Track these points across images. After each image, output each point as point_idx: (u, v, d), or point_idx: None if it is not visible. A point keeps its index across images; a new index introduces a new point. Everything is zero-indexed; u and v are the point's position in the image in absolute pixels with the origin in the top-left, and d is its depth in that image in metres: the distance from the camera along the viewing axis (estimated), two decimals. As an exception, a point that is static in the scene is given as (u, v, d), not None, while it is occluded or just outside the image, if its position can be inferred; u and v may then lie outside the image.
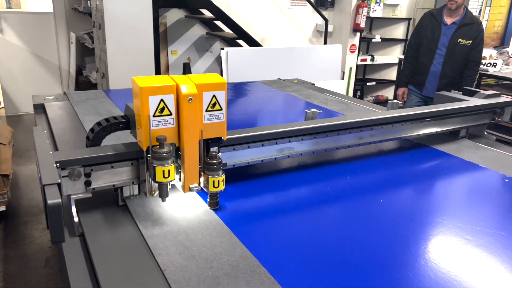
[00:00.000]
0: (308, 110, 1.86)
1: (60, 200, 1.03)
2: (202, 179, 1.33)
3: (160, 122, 1.23)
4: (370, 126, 1.79)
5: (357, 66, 6.18)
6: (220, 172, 1.31)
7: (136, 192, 1.37)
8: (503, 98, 2.22)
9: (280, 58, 4.57)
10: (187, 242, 1.16)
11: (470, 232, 1.29)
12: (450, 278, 1.07)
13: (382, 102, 6.62)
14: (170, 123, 1.25)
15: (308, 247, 1.21)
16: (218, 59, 5.25)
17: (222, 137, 1.34)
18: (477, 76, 3.61)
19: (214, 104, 1.29)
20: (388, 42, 6.60)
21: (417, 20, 4.62)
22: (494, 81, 4.63)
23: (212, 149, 1.33)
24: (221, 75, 4.26)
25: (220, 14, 4.67)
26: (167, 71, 5.17)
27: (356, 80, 6.30)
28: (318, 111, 1.86)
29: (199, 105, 1.26)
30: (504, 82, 4.56)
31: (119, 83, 4.10)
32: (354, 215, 1.42)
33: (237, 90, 3.26)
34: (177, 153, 1.31)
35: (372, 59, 6.38)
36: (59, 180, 1.08)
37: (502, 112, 2.23)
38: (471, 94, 2.27)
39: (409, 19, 6.53)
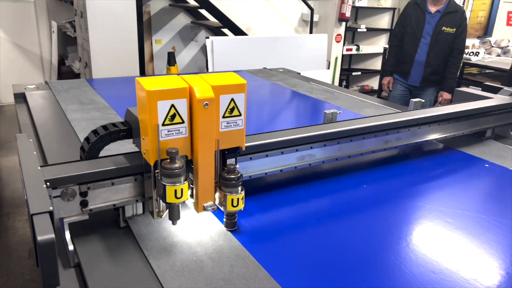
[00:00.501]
0: (327, 111, 1.62)
1: (53, 234, 0.81)
2: (217, 195, 1.13)
3: (171, 131, 1.03)
4: (397, 129, 1.61)
5: (343, 56, 6.20)
6: (239, 189, 1.11)
7: (140, 211, 1.17)
8: None
9: (265, 47, 4.55)
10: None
11: (451, 215, 1.32)
12: (431, 259, 1.09)
13: (367, 92, 6.66)
14: (182, 132, 1.04)
15: (292, 234, 1.22)
16: (203, 48, 5.20)
17: (241, 147, 1.14)
18: (461, 64, 3.65)
19: (232, 109, 1.09)
20: (373, 31, 6.63)
21: (402, 9, 4.65)
22: (477, 70, 4.70)
23: (229, 161, 1.13)
24: (206, 64, 4.23)
25: (205, 3, 4.62)
26: (151, 61, 5.11)
27: (342, 70, 6.33)
28: (338, 112, 1.64)
29: (215, 110, 1.06)
30: (487, 71, 4.63)
31: (103, 73, 4.05)
32: (340, 207, 1.43)
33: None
34: (188, 165, 1.10)
35: (358, 49, 6.41)
36: (51, 208, 0.88)
37: None
38: (493, 90, 2.11)
39: (394, 9, 6.56)
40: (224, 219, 1.18)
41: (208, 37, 4.11)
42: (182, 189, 1.03)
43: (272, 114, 2.48)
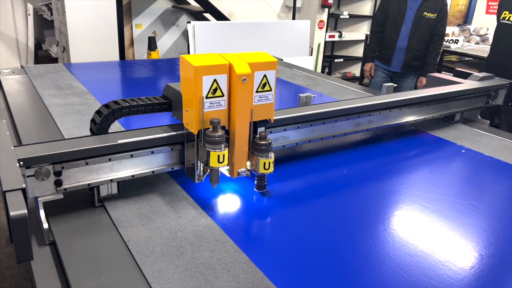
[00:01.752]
0: (301, 95, 1.72)
1: (26, 210, 0.85)
2: (248, 163, 1.27)
3: (212, 104, 1.16)
4: (369, 112, 1.68)
5: (325, 42, 6.19)
6: (270, 154, 1.25)
7: (115, 191, 1.21)
8: (498, 81, 2.15)
9: (248, 33, 4.51)
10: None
11: (428, 200, 1.35)
12: (407, 242, 1.11)
13: (349, 79, 6.69)
14: (221, 105, 1.18)
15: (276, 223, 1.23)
16: (185, 33, 5.12)
17: (270, 119, 1.28)
18: (441, 50, 3.69)
19: (264, 85, 1.23)
20: (356, 18, 6.63)
21: (384, -4, 4.65)
22: (456, 57, 4.76)
23: (259, 129, 1.27)
24: (188, 49, 4.17)
25: (186, -13, 4.53)
26: (131, 45, 5.01)
27: (324, 56, 6.32)
28: (312, 95, 1.73)
29: (251, 85, 1.19)
30: (466, 58, 4.70)
31: (81, 57, 3.95)
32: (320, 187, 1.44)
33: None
34: (227, 138, 1.24)
35: (340, 36, 6.41)
36: (24, 185, 0.91)
37: (496, 95, 2.15)
38: (464, 76, 2.17)
39: (376, -4, 6.56)
40: (256, 182, 1.31)
41: (189, 22, 4.05)
42: (224, 155, 1.16)
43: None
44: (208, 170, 1.22)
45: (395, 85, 2.02)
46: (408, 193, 1.39)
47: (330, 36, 6.28)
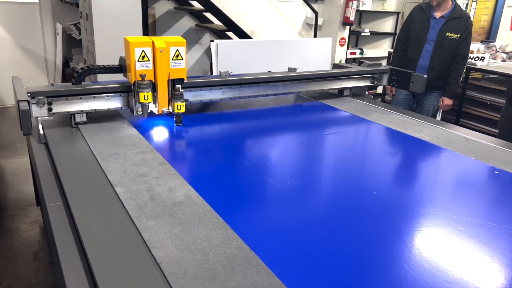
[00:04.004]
0: (221, 70, 2.35)
1: (28, 107, 1.65)
2: (170, 108, 2.02)
3: (142, 65, 1.90)
4: (274, 82, 2.44)
5: (347, 59, 6.20)
6: (181, 100, 1.98)
7: (84, 119, 1.96)
8: (382, 67, 2.85)
9: (270, 50, 4.54)
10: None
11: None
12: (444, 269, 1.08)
13: (371, 95, 6.65)
14: (148, 66, 1.92)
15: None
16: (208, 51, 5.20)
17: (184, 79, 2.01)
18: (464, 70, 3.63)
19: (177, 56, 1.95)
20: (377, 35, 6.62)
21: (406, 13, 4.63)
22: (482, 75, 4.68)
23: (176, 86, 2.01)
24: (211, 67, 4.23)
25: (209, 6, 4.62)
26: (156, 63, 5.11)
27: (345, 73, 6.31)
28: (230, 71, 2.37)
29: (167, 55, 1.93)
30: (491, 76, 4.61)
31: (107, 75, 4.04)
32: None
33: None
34: (154, 88, 1.98)
35: (361, 53, 6.40)
36: (28, 99, 1.69)
37: (380, 78, 2.86)
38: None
39: (398, 13, 6.55)
40: (174, 119, 2.09)
41: (212, 40, 4.12)
42: (148, 95, 1.91)
43: (265, 120, 2.48)
44: (141, 106, 1.96)
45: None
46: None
47: (351, 53, 6.28)
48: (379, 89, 6.79)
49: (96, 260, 1.04)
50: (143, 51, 1.87)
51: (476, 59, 4.52)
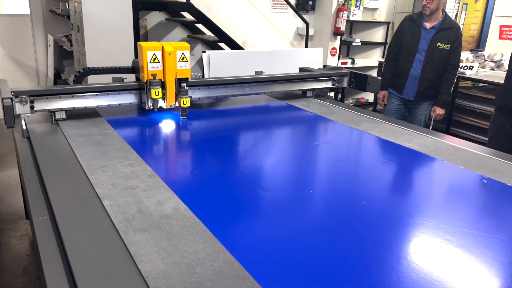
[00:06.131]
0: (193, 74, 2.47)
1: (11, 103, 1.89)
2: (176, 103, 2.31)
3: (153, 66, 2.22)
4: (248, 83, 2.69)
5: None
6: (186, 96, 2.27)
7: (64, 116, 2.15)
8: (342, 71, 3.06)
9: (261, 61, 4.56)
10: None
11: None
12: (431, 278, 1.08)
13: (362, 105, 6.69)
14: (158, 67, 2.24)
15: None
16: (200, 62, 5.21)
17: (188, 78, 2.31)
18: (455, 80, 3.67)
19: (183, 58, 2.27)
20: (368, 45, 6.69)
21: (396, 23, 4.69)
22: (471, 83, 4.73)
23: (182, 84, 2.29)
24: (203, 77, 4.23)
25: (201, 17, 4.65)
26: (148, 74, 5.11)
27: (337, 83, 6.35)
28: (199, 75, 2.56)
29: (174, 57, 2.25)
30: (481, 84, 4.66)
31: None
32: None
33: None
34: (163, 86, 2.28)
35: (353, 62, 6.45)
36: (12, 97, 1.92)
37: (340, 80, 3.04)
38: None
39: (388, 23, 6.63)
40: (181, 112, 2.35)
41: (204, 51, 4.13)
42: (158, 92, 2.24)
43: (264, 128, 2.48)
44: (152, 101, 2.26)
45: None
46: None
47: (342, 63, 6.33)
48: (371, 98, 6.84)
49: (81, 274, 1.03)
50: (154, 54, 2.18)
51: (465, 68, 4.58)
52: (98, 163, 1.68)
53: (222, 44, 5.04)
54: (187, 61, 2.27)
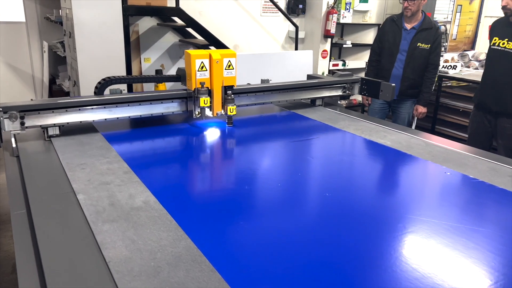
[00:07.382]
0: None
1: None
2: (222, 110, 2.27)
3: (201, 74, 2.18)
4: (254, 93, 2.55)
5: (329, 71, 6.33)
6: (233, 104, 2.25)
7: (57, 132, 2.00)
8: (353, 77, 2.89)
9: (252, 64, 4.65)
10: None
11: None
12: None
13: (355, 106, 6.77)
14: (206, 75, 2.20)
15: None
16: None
17: (234, 85, 2.28)
18: (436, 79, 3.75)
19: (229, 65, 2.24)
20: (359, 47, 6.77)
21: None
22: (456, 83, 4.81)
23: (228, 91, 2.26)
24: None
25: (191, 22, 4.74)
26: (140, 79, 5.20)
27: (329, 84, 6.42)
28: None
29: (221, 65, 2.20)
30: (463, 84, 4.74)
31: (91, 91, 4.12)
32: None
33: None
34: (210, 94, 2.23)
35: (344, 64, 6.54)
36: (1, 113, 1.80)
37: (351, 87, 2.89)
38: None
39: (378, 25, 6.70)
40: (227, 120, 2.34)
41: (193, 55, 4.21)
42: (207, 100, 2.19)
43: (257, 131, 2.56)
44: (199, 109, 2.24)
45: (270, 79, 2.64)
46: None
47: (334, 65, 6.42)
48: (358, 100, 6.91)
49: (48, 259, 1.11)
50: (202, 62, 2.15)
51: (449, 67, 4.66)
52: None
53: (213, 48, 5.12)
54: (233, 69, 2.23)
